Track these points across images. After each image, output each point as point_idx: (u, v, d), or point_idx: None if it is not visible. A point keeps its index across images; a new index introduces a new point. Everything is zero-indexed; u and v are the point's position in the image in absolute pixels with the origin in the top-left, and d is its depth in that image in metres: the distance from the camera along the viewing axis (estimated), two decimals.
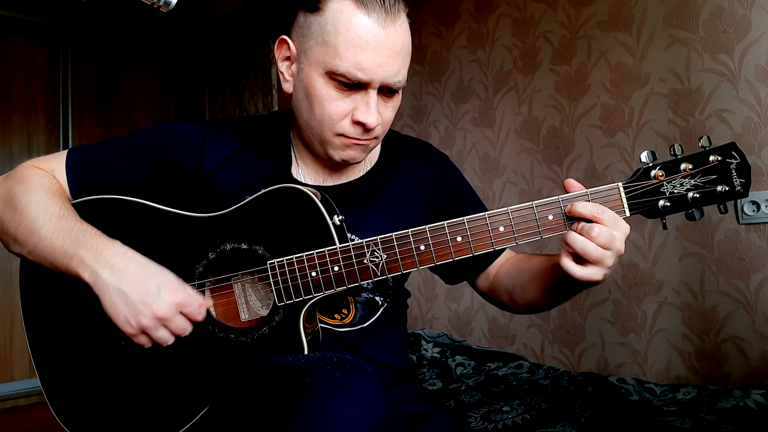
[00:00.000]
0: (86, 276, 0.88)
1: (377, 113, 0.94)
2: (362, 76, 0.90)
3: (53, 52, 3.63)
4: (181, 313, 0.88)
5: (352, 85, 0.92)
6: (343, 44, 0.89)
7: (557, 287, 0.97)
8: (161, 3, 0.85)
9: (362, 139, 0.96)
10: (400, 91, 0.98)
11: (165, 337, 0.88)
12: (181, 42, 4.23)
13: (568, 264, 0.85)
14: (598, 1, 1.95)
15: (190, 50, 4.27)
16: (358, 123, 0.94)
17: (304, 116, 0.98)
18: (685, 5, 1.72)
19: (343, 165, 1.04)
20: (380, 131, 0.98)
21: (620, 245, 0.84)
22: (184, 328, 0.89)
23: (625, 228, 0.85)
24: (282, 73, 1.01)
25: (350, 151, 0.98)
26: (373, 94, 0.93)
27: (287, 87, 1.01)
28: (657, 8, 1.79)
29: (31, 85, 3.53)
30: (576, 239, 0.83)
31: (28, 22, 3.51)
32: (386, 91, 0.95)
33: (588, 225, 0.83)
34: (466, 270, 1.15)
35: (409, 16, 0.95)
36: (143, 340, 0.89)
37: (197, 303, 0.89)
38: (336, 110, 0.93)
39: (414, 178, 1.12)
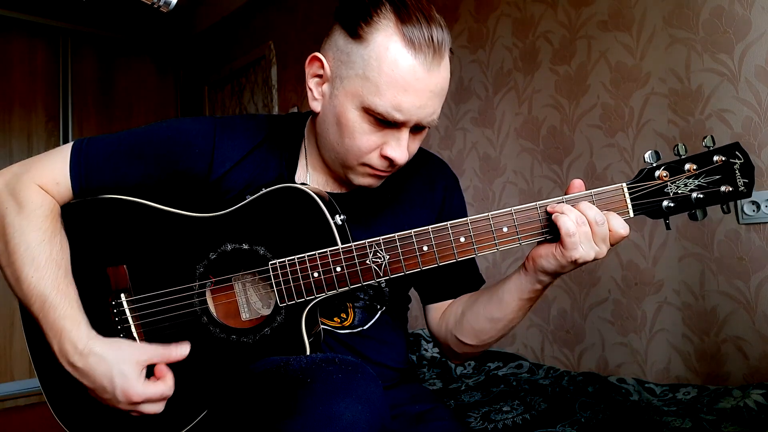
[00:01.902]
0: (61, 361, 0.91)
1: (407, 150, 0.93)
2: (399, 117, 0.88)
3: (53, 51, 3.62)
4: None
5: (386, 123, 0.90)
6: (385, 84, 0.86)
7: (507, 288, 0.96)
8: (161, 3, 0.84)
9: (386, 171, 0.96)
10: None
11: (147, 412, 0.92)
12: (181, 42, 4.23)
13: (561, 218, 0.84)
14: (598, 1, 1.95)
15: (190, 50, 4.27)
16: (385, 157, 0.93)
17: (330, 140, 0.96)
18: (685, 5, 1.72)
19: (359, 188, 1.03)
20: (403, 163, 0.97)
21: (605, 250, 0.86)
22: (156, 411, 0.92)
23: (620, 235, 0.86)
24: (311, 89, 0.97)
25: (370, 179, 0.98)
26: (405, 132, 0.92)
27: (315, 106, 0.97)
28: (657, 8, 1.79)
29: (32, 84, 3.52)
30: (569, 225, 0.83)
31: (28, 22, 3.51)
32: (417, 127, 0.93)
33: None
34: (439, 290, 1.13)
35: (451, 50, 0.92)
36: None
37: (158, 395, 0.91)
38: (366, 144, 0.92)
39: (423, 196, 1.11)
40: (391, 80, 0.86)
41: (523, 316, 0.99)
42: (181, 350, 0.94)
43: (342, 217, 0.93)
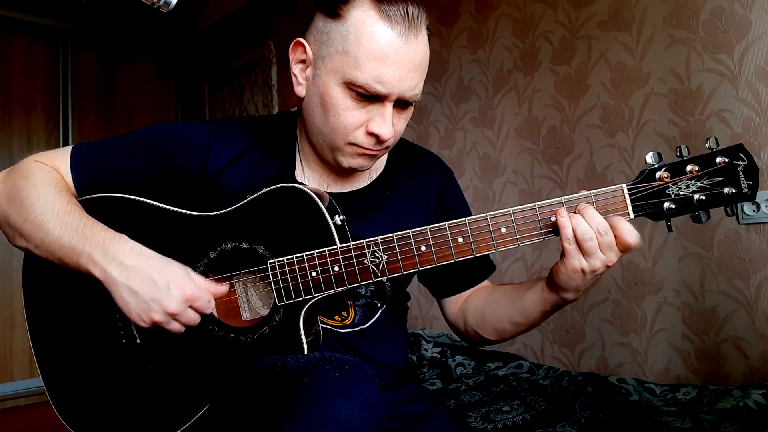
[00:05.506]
0: (96, 272, 0.89)
1: (392, 126, 0.94)
2: (381, 89, 0.89)
3: (53, 51, 3.62)
4: (191, 306, 0.89)
5: (369, 97, 0.91)
6: (364, 56, 0.88)
7: (531, 300, 1.00)
8: (161, 3, 0.85)
9: (374, 150, 0.96)
10: (414, 103, 0.98)
11: (176, 328, 0.90)
12: (181, 42, 4.23)
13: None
14: (598, 1, 1.95)
15: (190, 50, 4.27)
16: (371, 134, 0.94)
17: (316, 122, 0.97)
18: (685, 5, 1.72)
19: (350, 171, 1.04)
20: (392, 142, 0.98)
21: (615, 258, 0.88)
22: (194, 320, 0.91)
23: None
24: (295, 75, 0.99)
25: (359, 160, 0.98)
26: (389, 106, 0.92)
27: (299, 90, 1.00)
28: (657, 8, 1.79)
29: (31, 85, 3.53)
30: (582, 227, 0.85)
31: (28, 22, 3.51)
32: (401, 103, 0.95)
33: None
34: (452, 284, 1.15)
35: (428, 28, 0.94)
36: (155, 329, 0.91)
37: (206, 297, 0.90)
38: (351, 120, 0.93)
39: (419, 191, 1.12)
40: (369, 52, 0.88)
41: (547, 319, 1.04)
42: (220, 287, 0.94)
43: (342, 217, 0.93)
